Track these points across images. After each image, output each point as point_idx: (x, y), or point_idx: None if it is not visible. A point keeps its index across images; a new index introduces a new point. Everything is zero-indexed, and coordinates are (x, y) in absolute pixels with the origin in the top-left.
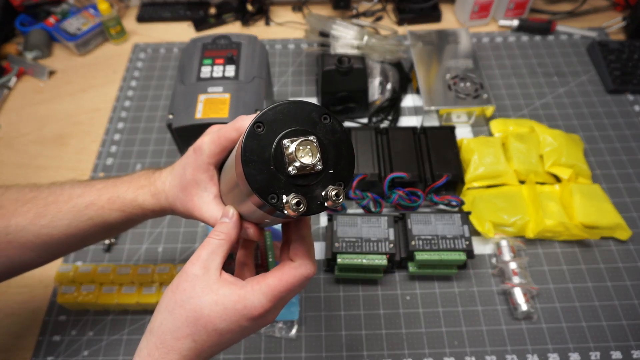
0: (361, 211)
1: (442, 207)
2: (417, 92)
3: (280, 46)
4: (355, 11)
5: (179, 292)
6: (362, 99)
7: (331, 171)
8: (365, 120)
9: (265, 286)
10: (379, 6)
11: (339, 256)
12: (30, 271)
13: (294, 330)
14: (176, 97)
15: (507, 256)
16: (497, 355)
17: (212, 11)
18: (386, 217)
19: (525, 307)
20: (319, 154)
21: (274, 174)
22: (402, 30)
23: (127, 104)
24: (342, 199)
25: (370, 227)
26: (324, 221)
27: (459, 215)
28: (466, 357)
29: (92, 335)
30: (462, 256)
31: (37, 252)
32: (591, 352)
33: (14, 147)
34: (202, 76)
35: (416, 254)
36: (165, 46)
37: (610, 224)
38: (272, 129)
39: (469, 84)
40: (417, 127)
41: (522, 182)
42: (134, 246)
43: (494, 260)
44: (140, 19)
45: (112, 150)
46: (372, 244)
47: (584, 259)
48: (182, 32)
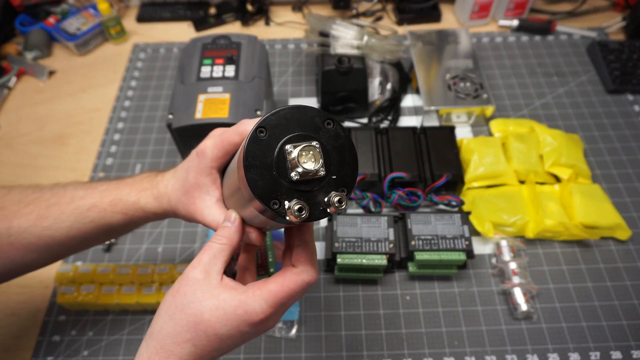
0: (361, 211)
1: (442, 207)
2: (417, 92)
3: (280, 46)
4: (355, 11)
5: (179, 296)
6: (362, 99)
7: (334, 177)
8: (365, 120)
9: (266, 292)
10: (379, 6)
11: (338, 256)
12: None
13: (294, 330)
14: (176, 97)
15: (507, 256)
16: (497, 355)
17: (212, 11)
18: (386, 217)
19: (525, 307)
20: (322, 160)
21: (276, 179)
22: (402, 30)
23: (127, 104)
24: (345, 206)
25: (370, 227)
26: (323, 221)
27: (459, 215)
28: (466, 357)
29: (92, 335)
30: (462, 256)
31: (39, 254)
32: (591, 352)
33: (13, 147)
34: (202, 76)
35: (416, 254)
36: (165, 46)
37: (610, 224)
38: (274, 134)
39: (468, 84)
40: (417, 127)
41: (522, 182)
42: (133, 246)
43: (494, 260)
44: (140, 19)
45: (112, 150)
46: (372, 244)
47: (584, 259)
48: (182, 32)
